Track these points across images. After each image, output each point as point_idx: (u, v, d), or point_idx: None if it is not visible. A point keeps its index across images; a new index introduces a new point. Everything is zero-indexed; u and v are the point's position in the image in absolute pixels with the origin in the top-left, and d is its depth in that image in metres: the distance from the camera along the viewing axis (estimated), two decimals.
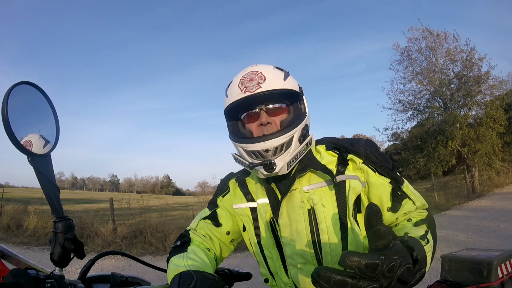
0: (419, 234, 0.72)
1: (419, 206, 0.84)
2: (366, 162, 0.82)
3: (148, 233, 6.51)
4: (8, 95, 0.62)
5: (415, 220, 0.81)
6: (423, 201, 0.85)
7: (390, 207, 0.82)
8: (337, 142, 0.88)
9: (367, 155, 0.83)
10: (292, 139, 0.79)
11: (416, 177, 19.17)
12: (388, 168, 0.83)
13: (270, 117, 0.83)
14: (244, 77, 0.82)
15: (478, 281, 1.20)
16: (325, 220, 0.79)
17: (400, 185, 0.83)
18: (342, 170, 0.82)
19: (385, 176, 0.82)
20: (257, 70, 0.83)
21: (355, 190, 0.80)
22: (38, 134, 0.68)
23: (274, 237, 0.85)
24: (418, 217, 0.82)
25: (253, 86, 0.79)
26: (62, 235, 0.65)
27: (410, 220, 0.81)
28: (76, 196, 34.97)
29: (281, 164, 0.78)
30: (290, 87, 0.83)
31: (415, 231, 0.74)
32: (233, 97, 0.82)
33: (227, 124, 0.91)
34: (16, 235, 7.47)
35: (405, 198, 0.82)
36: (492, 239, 5.27)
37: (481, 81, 11.68)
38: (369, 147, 0.84)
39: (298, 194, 0.82)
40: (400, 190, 0.83)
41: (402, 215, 0.82)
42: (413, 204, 0.83)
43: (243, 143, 0.82)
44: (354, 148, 0.84)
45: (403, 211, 0.82)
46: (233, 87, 0.83)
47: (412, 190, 0.85)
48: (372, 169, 0.82)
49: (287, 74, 0.86)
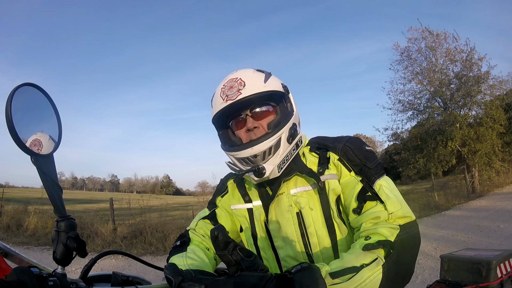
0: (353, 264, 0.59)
1: (393, 212, 0.69)
2: (341, 159, 0.80)
3: (148, 233, 6.51)
4: (12, 96, 0.62)
5: (373, 240, 0.65)
6: (403, 210, 0.70)
7: (355, 208, 0.74)
8: (320, 141, 0.87)
9: (345, 151, 0.80)
10: (280, 141, 0.78)
11: (416, 177, 19.15)
12: (366, 167, 0.77)
13: (257, 121, 0.82)
14: (225, 85, 0.82)
15: (477, 281, 1.20)
16: (313, 223, 0.79)
17: (371, 184, 0.74)
18: (321, 170, 0.81)
19: (358, 174, 0.77)
20: (237, 76, 0.82)
21: (334, 190, 0.79)
22: (41, 134, 0.69)
23: (269, 239, 0.86)
24: (380, 235, 0.66)
25: (233, 94, 0.78)
26: (64, 234, 0.66)
27: (368, 238, 0.66)
28: (76, 196, 34.95)
29: (270, 168, 0.77)
30: (271, 88, 0.82)
31: (353, 258, 0.61)
32: (216, 107, 0.82)
33: (218, 134, 0.90)
34: (16, 235, 7.47)
35: (374, 200, 0.72)
36: (492, 239, 5.27)
37: (481, 81, 11.66)
38: (350, 144, 0.81)
39: (286, 198, 0.82)
40: (370, 190, 0.74)
41: (369, 221, 0.70)
42: (383, 208, 0.70)
43: (232, 151, 0.82)
44: (334, 145, 0.82)
45: (369, 216, 0.70)
46: (216, 97, 0.83)
47: (388, 192, 0.72)
48: (346, 167, 0.79)
49: (268, 75, 0.84)
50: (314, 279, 0.53)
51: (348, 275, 0.58)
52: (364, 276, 0.59)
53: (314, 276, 0.53)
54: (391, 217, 0.69)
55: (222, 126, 0.89)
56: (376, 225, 0.69)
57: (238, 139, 0.85)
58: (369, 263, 0.61)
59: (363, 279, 0.58)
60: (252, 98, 0.79)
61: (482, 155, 11.92)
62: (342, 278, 0.57)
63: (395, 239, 0.66)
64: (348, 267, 0.59)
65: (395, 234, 0.66)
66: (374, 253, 0.63)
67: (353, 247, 0.68)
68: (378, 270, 0.61)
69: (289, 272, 0.53)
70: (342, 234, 0.79)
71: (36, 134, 0.68)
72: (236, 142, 0.86)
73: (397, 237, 0.66)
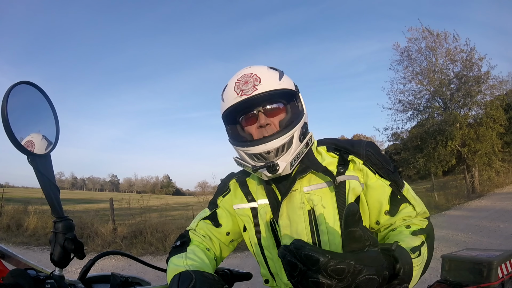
0: (413, 244, 0.70)
1: (420, 212, 0.81)
2: (366, 163, 0.82)
3: (148, 233, 6.51)
4: (8, 95, 0.62)
5: (414, 228, 0.78)
6: (424, 208, 0.83)
7: (388, 210, 0.80)
8: (338, 143, 0.88)
9: (368, 156, 0.82)
10: (292, 139, 0.79)
11: (416, 177, 19.18)
12: (389, 170, 0.82)
13: (269, 118, 0.82)
14: (239, 80, 0.81)
15: (478, 281, 1.20)
16: (325, 221, 0.79)
17: (400, 189, 0.81)
18: (343, 170, 0.81)
19: (385, 178, 0.81)
20: (252, 72, 0.82)
21: (354, 190, 0.79)
22: (38, 134, 0.68)
23: (274, 238, 0.85)
24: (418, 225, 0.79)
25: (249, 89, 0.79)
26: (62, 236, 0.65)
27: (409, 227, 0.78)
28: (76, 196, 34.97)
29: (283, 165, 0.78)
30: (286, 86, 0.82)
31: (410, 240, 0.71)
32: (229, 101, 0.81)
33: (226, 128, 0.90)
34: (16, 235, 7.46)
35: (405, 202, 0.80)
36: (492, 239, 5.27)
37: (481, 81, 11.67)
38: (370, 149, 0.84)
39: (299, 195, 0.82)
40: (400, 194, 0.81)
41: (401, 219, 0.80)
42: (413, 210, 0.80)
43: (244, 147, 0.82)
44: (355, 149, 0.84)
45: (402, 216, 0.79)
46: (229, 91, 0.82)
47: (413, 195, 0.83)
48: (372, 171, 0.82)
49: (281, 73, 0.85)
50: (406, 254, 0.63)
51: (417, 252, 0.68)
52: (423, 253, 0.70)
53: (405, 252, 0.64)
54: (417, 215, 0.81)
55: (231, 121, 0.89)
56: (408, 221, 0.80)
57: (249, 134, 0.85)
58: (421, 244, 0.72)
59: (423, 255, 0.70)
60: (267, 95, 0.79)
61: (482, 155, 11.94)
62: (415, 254, 0.67)
63: (427, 227, 0.79)
64: (414, 246, 0.69)
65: (425, 224, 0.80)
66: (419, 237, 0.75)
67: (401, 233, 0.77)
68: (425, 249, 0.73)
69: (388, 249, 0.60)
70: None
71: (33, 134, 0.67)
72: (246, 137, 0.85)
73: (427, 226, 0.80)
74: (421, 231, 0.77)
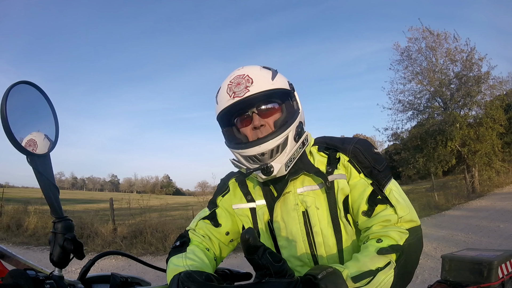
0: (370, 267, 0.62)
1: (403, 216, 0.72)
2: (351, 161, 0.80)
3: (148, 233, 6.50)
4: (7, 94, 0.62)
5: (385, 244, 0.67)
6: (410, 215, 0.73)
7: (365, 211, 0.75)
8: (329, 142, 0.86)
9: (355, 153, 0.80)
10: (287, 139, 0.78)
11: (416, 177, 19.18)
12: (375, 169, 0.78)
13: (263, 118, 0.82)
14: (231, 82, 0.81)
15: (478, 281, 1.20)
16: (319, 223, 0.78)
17: (382, 188, 0.75)
18: (331, 170, 0.80)
19: (368, 177, 0.77)
20: (244, 73, 0.81)
21: (343, 190, 0.78)
22: (37, 134, 0.68)
23: (272, 239, 0.85)
24: (392, 239, 0.68)
25: (241, 91, 0.78)
26: (61, 236, 0.65)
27: (380, 241, 0.69)
28: (76, 196, 34.96)
29: (278, 166, 0.77)
30: (279, 86, 0.81)
31: (368, 262, 0.64)
32: (223, 103, 0.81)
33: (222, 131, 0.90)
34: (16, 235, 7.47)
35: (384, 204, 0.73)
36: (492, 239, 5.27)
37: (481, 81, 11.68)
38: (360, 146, 0.81)
39: (292, 197, 0.82)
40: (381, 194, 0.75)
41: (378, 224, 0.72)
42: (394, 212, 0.72)
43: (238, 149, 0.81)
44: (343, 146, 0.82)
45: (379, 219, 0.72)
46: (222, 93, 0.82)
47: (398, 197, 0.75)
48: (356, 169, 0.79)
49: (275, 72, 0.84)
50: (338, 284, 0.55)
51: (366, 279, 0.60)
52: (380, 280, 0.62)
53: (338, 281, 0.56)
54: (400, 220, 0.71)
55: (226, 123, 0.88)
56: (386, 228, 0.71)
57: (244, 136, 0.85)
58: (383, 267, 0.64)
59: (378, 282, 0.62)
60: (260, 96, 0.78)
61: (482, 155, 11.94)
62: (362, 282, 0.60)
63: (404, 243, 0.68)
64: (366, 271, 0.62)
65: (404, 238, 0.69)
66: (387, 257, 0.66)
67: (366, 249, 0.69)
68: (391, 273, 0.64)
69: (314, 276, 0.54)
70: (347, 234, 0.79)
71: (32, 133, 0.67)
72: (241, 139, 0.85)
73: (406, 241, 0.69)
74: (392, 249, 0.66)
